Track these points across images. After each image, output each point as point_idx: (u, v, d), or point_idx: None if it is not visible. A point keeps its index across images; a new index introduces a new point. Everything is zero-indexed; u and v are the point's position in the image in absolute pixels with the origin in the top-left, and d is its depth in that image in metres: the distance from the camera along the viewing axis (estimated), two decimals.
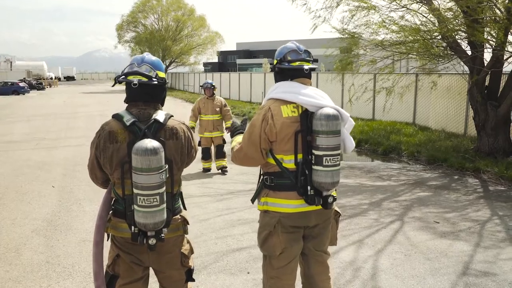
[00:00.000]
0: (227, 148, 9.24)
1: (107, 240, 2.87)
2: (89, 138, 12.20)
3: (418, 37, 10.47)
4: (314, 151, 2.84)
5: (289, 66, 3.01)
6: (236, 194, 7.58)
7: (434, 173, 9.36)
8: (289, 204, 2.93)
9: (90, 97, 38.98)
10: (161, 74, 2.81)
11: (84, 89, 55.97)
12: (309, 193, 2.88)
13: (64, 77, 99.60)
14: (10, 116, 22.27)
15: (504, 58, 10.01)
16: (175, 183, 2.79)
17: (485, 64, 10.21)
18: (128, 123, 2.65)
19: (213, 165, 9.35)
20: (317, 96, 2.93)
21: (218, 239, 5.52)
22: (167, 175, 2.64)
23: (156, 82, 2.73)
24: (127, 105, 2.81)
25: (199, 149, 9.00)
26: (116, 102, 26.80)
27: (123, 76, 2.75)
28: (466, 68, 11.00)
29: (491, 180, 8.50)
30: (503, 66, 10.32)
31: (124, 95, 2.81)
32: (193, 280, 2.99)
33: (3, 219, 6.32)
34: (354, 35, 12.12)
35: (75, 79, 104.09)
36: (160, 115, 2.72)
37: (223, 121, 9.14)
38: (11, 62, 68.76)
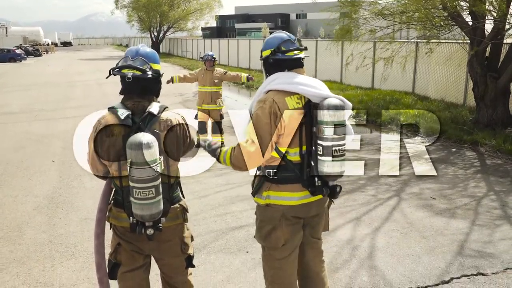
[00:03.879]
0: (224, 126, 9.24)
1: (110, 229, 2.93)
2: (87, 108, 12.26)
3: (419, 6, 10.32)
4: (321, 142, 2.80)
5: (286, 57, 2.95)
6: None
7: (432, 145, 9.40)
8: (293, 197, 2.92)
9: (87, 64, 38.65)
10: (156, 67, 2.80)
11: (81, 56, 55.41)
12: (316, 184, 2.87)
13: (61, 43, 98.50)
14: (8, 85, 22.15)
15: (506, 29, 9.90)
16: (172, 174, 2.82)
17: (486, 35, 10.11)
18: (122, 117, 2.67)
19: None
20: (319, 86, 2.91)
21: (217, 217, 5.60)
22: (163, 167, 2.67)
23: (150, 76, 2.73)
24: (122, 97, 2.82)
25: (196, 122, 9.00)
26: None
27: (118, 69, 2.76)
28: (467, 37, 10.90)
29: (488, 153, 8.55)
30: (504, 37, 10.22)
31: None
32: (193, 266, 3.06)
33: (5, 196, 6.39)
34: (354, 2, 11.96)
35: (72, 45, 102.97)
36: (154, 108, 2.73)
37: (222, 98, 9.10)
38: (6, 28, 67.84)
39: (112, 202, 2.89)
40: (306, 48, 3.06)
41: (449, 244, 4.79)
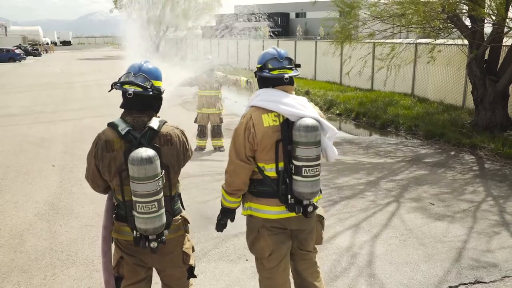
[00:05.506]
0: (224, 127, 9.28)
1: (112, 242, 2.96)
2: (87, 111, 12.20)
3: (418, 9, 10.33)
4: (294, 161, 2.90)
5: (269, 75, 3.02)
6: None
7: (431, 148, 9.43)
8: (270, 211, 3.02)
9: (87, 64, 38.60)
10: (157, 84, 2.84)
11: (81, 55, 55.32)
12: (289, 201, 2.96)
13: (60, 42, 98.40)
14: (7, 86, 22.13)
15: (504, 32, 9.93)
16: (173, 186, 2.87)
17: (485, 38, 10.14)
18: (123, 132, 2.72)
19: (209, 144, 9.33)
20: (298, 105, 2.96)
21: None
22: (164, 180, 2.71)
23: (151, 93, 2.77)
24: (122, 111, 2.86)
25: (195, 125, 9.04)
26: (112, 69, 26.57)
27: (119, 84, 2.79)
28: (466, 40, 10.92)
29: (487, 157, 8.58)
30: (503, 41, 10.25)
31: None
32: (194, 276, 3.11)
33: (6, 202, 6.42)
34: (352, 4, 11.98)
35: (71, 44, 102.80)
36: (154, 123, 2.78)
37: (221, 100, 9.12)
38: (5, 27, 67.77)
39: (113, 216, 2.93)
40: (298, 65, 3.11)
41: (447, 252, 4.83)
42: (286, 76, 3.00)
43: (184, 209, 3.06)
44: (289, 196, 2.94)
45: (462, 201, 6.32)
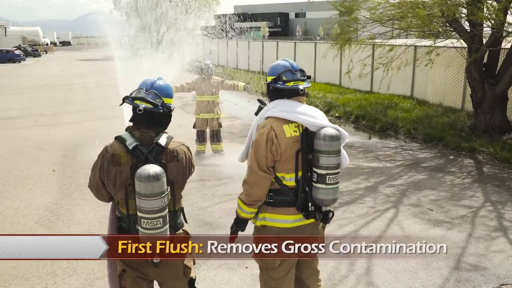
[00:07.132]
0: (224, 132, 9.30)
1: None
2: (87, 113, 12.12)
3: (417, 13, 10.36)
4: (316, 170, 2.95)
5: (285, 87, 3.06)
6: (235, 179, 7.65)
7: (430, 152, 9.47)
8: (287, 220, 3.06)
9: (87, 65, 38.58)
10: (168, 101, 2.88)
11: (81, 56, 55.25)
12: (310, 209, 3.01)
13: (60, 42, 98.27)
14: (7, 87, 22.15)
15: (503, 35, 9.96)
16: (177, 202, 2.91)
17: (484, 42, 10.17)
18: (130, 147, 2.75)
19: (208, 149, 9.33)
20: (316, 115, 3.02)
21: (216, 230, 5.66)
22: (170, 197, 2.75)
23: (161, 111, 2.81)
24: (130, 125, 2.90)
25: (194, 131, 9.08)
26: (112, 71, 26.57)
27: (130, 100, 2.84)
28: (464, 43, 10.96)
29: (486, 161, 8.62)
30: (502, 44, 10.29)
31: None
32: None
33: (6, 208, 6.45)
34: (353, 7, 12.01)
35: (71, 44, 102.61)
36: (162, 139, 2.81)
37: (219, 105, 9.14)
38: (5, 28, 67.78)
39: None
40: (309, 77, 3.17)
41: (445, 259, 4.86)
42: (301, 87, 3.07)
43: (186, 222, 3.10)
44: (309, 204, 3.00)
45: (461, 207, 6.36)
